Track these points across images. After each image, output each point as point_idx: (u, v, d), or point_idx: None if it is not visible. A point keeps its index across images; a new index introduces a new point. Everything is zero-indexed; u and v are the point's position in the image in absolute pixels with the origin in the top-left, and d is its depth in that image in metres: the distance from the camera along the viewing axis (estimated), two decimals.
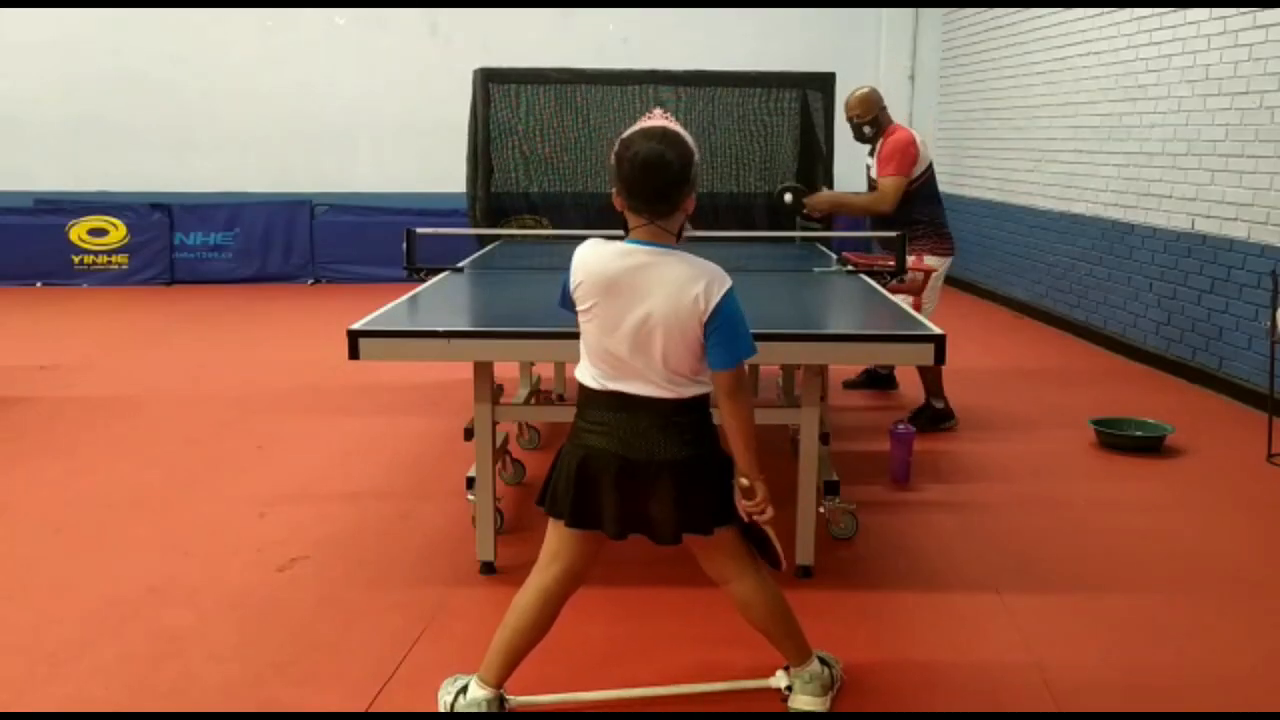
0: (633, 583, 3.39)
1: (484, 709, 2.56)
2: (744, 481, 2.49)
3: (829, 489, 3.78)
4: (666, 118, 2.52)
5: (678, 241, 2.47)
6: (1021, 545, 3.79)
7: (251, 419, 5.34)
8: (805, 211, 5.35)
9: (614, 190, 2.44)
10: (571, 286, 2.46)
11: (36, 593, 3.36)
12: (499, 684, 2.58)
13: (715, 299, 2.36)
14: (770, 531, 2.53)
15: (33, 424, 5.24)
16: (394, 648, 2.98)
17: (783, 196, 5.35)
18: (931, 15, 10.30)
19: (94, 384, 6.03)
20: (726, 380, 2.42)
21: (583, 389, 2.50)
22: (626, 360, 2.41)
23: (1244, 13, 5.72)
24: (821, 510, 3.68)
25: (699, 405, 2.49)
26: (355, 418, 5.36)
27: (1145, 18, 6.70)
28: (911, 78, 10.26)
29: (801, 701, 2.66)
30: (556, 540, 2.56)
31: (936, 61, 10.37)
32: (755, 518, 2.49)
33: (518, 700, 2.65)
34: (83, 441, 4.97)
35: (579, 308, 2.46)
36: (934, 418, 5.22)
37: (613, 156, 2.43)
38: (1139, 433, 4.97)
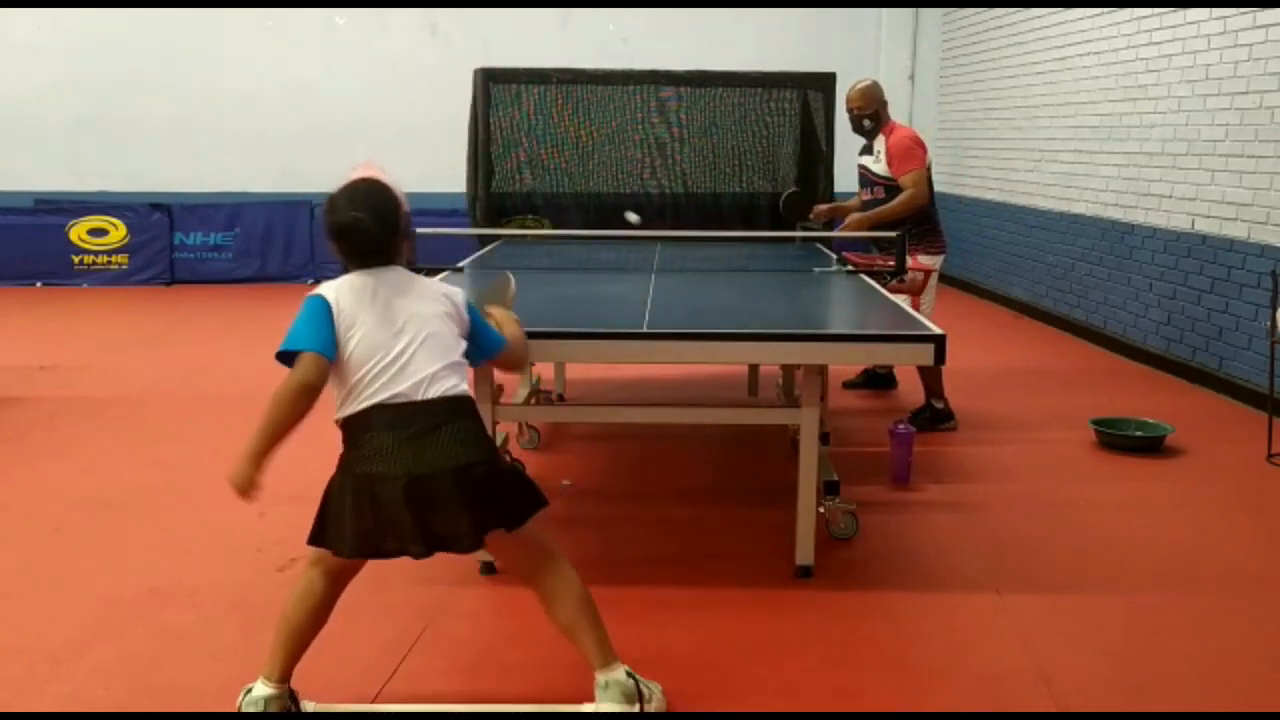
0: (636, 583, 3.39)
1: (264, 707, 2.51)
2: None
3: (829, 489, 3.78)
4: (371, 168, 2.64)
5: None
6: (1021, 545, 3.79)
7: (251, 419, 5.29)
8: (811, 217, 5.38)
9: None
10: (335, 315, 2.51)
11: (36, 593, 3.36)
12: (283, 679, 2.55)
13: (462, 304, 2.64)
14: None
15: (33, 424, 5.24)
16: (394, 648, 2.98)
17: (787, 206, 5.36)
18: (931, 15, 10.30)
19: (94, 384, 6.03)
20: (503, 359, 2.84)
21: (352, 420, 2.51)
22: (403, 362, 2.46)
23: (1244, 13, 5.72)
24: (821, 510, 3.68)
25: (473, 407, 2.56)
26: None
27: (1145, 18, 6.70)
28: (911, 78, 10.26)
29: (605, 707, 2.53)
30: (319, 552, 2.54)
31: (936, 61, 10.37)
32: None
33: (311, 706, 2.61)
34: (83, 441, 4.97)
35: (343, 334, 2.49)
36: (934, 418, 5.22)
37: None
38: (1139, 433, 4.97)
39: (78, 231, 9.72)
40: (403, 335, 2.49)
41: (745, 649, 2.99)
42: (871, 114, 5.29)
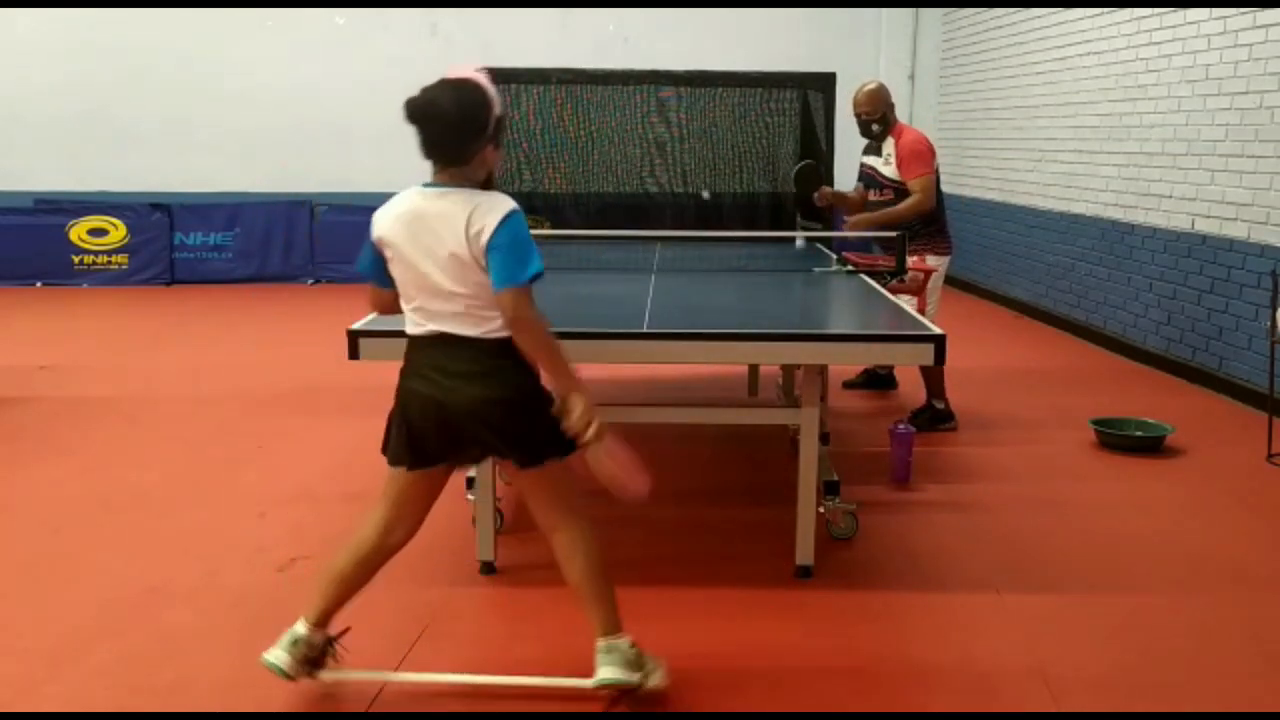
0: (636, 583, 3.39)
1: (296, 648, 2.63)
2: (566, 403, 2.49)
3: (829, 489, 3.78)
4: (470, 69, 2.47)
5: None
6: (1021, 545, 3.79)
7: (251, 419, 5.34)
8: (815, 196, 5.35)
9: None
10: (374, 236, 2.50)
11: (36, 593, 3.36)
12: (319, 623, 2.66)
13: (493, 223, 2.37)
14: (603, 458, 2.54)
15: (33, 424, 5.24)
16: (394, 648, 2.98)
17: (800, 178, 5.32)
18: (931, 15, 10.30)
19: (94, 384, 6.03)
20: (508, 302, 2.38)
21: (408, 339, 2.55)
22: (432, 298, 2.45)
23: (1244, 13, 5.72)
24: (821, 510, 3.68)
25: (499, 346, 2.48)
26: (355, 418, 5.36)
27: (1145, 18, 6.70)
28: (911, 78, 10.26)
29: (606, 672, 2.59)
30: (387, 482, 2.64)
31: (936, 61, 10.37)
32: (579, 436, 2.48)
33: (329, 677, 2.72)
34: (83, 441, 4.97)
35: (386, 254, 2.50)
36: (934, 418, 5.22)
37: None
38: (1139, 433, 4.97)
39: (78, 231, 9.71)
40: (432, 268, 2.42)
41: (745, 649, 2.99)
42: (879, 118, 5.26)
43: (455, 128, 2.41)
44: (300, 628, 2.67)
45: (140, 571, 3.49)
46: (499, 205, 2.40)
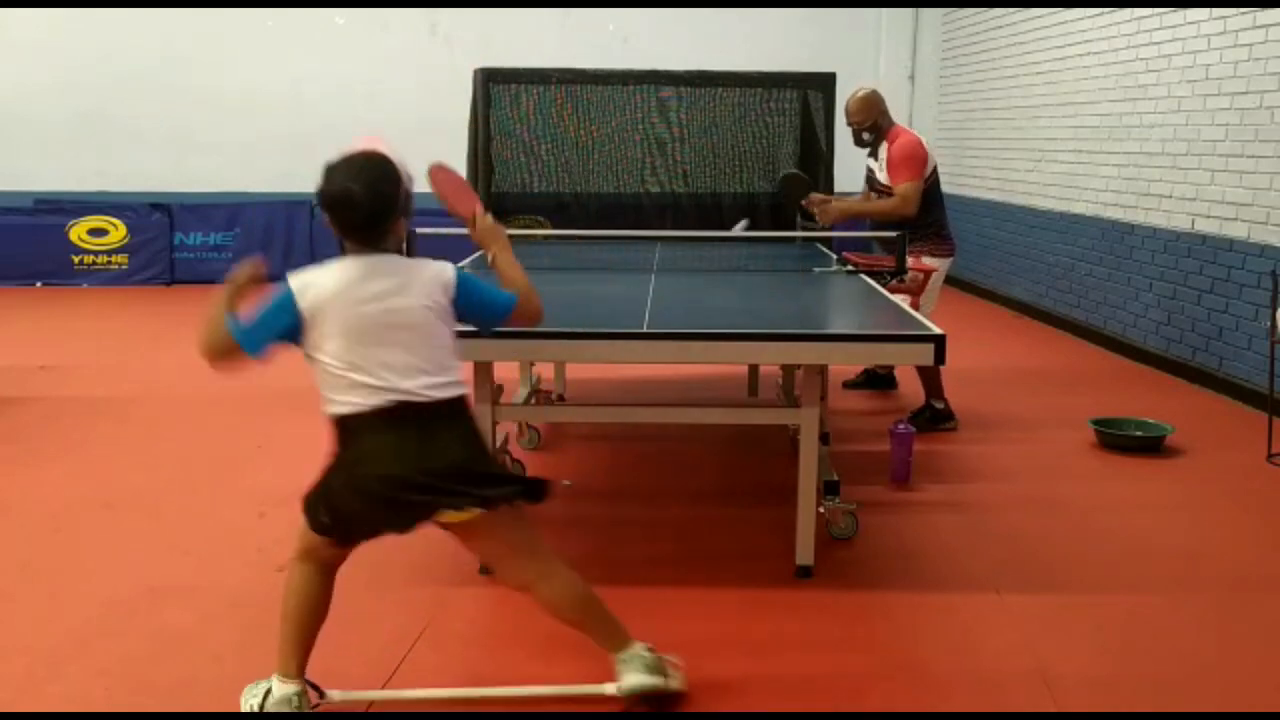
0: (636, 583, 3.39)
1: (295, 704, 2.54)
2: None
3: (829, 489, 3.78)
4: (375, 140, 2.52)
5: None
6: (1021, 545, 3.79)
7: (252, 419, 5.34)
8: (810, 210, 5.34)
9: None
10: (305, 310, 2.42)
11: (36, 593, 3.36)
12: (299, 675, 2.57)
13: (452, 276, 2.48)
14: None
15: (33, 424, 5.24)
16: (394, 648, 2.98)
17: (784, 186, 5.32)
18: (931, 15, 10.30)
19: (94, 384, 6.03)
20: (516, 318, 2.59)
21: (347, 420, 2.41)
22: (392, 363, 2.37)
23: (1244, 13, 5.72)
24: (821, 510, 3.68)
25: (466, 406, 2.50)
26: None
27: (1145, 18, 6.70)
28: (911, 78, 10.27)
29: (632, 679, 2.59)
30: (309, 537, 2.55)
31: (936, 61, 10.37)
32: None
33: (338, 695, 2.65)
34: (83, 441, 4.97)
35: (319, 329, 2.41)
36: (934, 418, 5.22)
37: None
38: (1139, 433, 4.97)
39: (78, 231, 9.71)
40: (388, 333, 2.38)
41: (745, 649, 2.99)
42: (870, 125, 5.27)
43: (369, 215, 2.44)
44: (279, 688, 2.55)
45: (140, 571, 3.49)
46: (448, 265, 2.55)
